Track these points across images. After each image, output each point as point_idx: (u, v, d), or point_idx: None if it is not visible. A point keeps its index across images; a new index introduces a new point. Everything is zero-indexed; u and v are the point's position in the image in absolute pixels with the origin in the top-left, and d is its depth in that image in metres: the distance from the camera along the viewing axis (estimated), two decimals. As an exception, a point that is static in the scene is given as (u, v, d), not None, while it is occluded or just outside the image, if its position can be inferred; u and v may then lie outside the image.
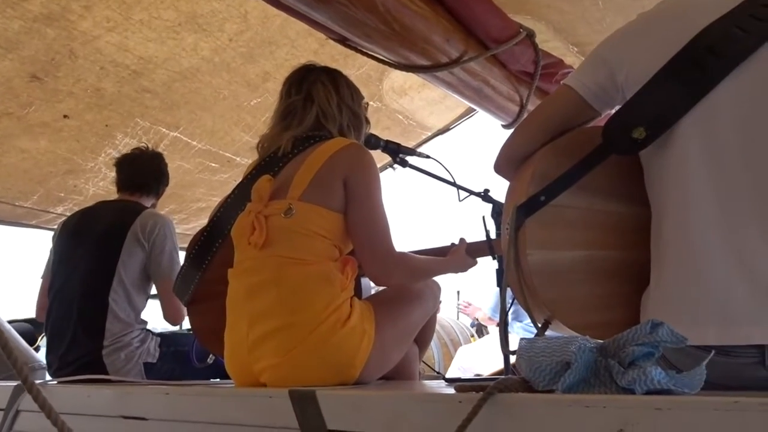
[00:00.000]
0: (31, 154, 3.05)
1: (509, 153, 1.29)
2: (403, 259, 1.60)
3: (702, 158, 1.03)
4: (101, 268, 2.27)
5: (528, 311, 1.18)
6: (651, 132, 1.07)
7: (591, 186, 1.17)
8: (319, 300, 1.43)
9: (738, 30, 1.02)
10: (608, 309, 1.18)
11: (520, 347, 0.89)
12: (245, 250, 1.53)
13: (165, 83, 2.72)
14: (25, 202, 3.44)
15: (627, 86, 1.12)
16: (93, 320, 2.21)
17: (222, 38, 2.51)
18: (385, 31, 1.95)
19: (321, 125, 1.66)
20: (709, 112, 1.03)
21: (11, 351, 0.68)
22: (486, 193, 2.06)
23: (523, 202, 1.14)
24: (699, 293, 1.01)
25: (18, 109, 2.69)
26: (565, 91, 1.21)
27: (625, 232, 1.19)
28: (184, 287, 1.78)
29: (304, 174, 1.52)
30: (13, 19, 2.16)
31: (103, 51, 2.44)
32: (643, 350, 0.83)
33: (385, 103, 3.22)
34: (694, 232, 1.02)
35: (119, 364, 2.21)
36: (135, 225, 2.30)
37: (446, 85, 2.38)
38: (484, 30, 2.25)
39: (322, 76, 1.71)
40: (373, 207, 1.54)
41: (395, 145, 2.02)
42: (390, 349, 1.57)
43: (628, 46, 1.14)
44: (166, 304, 2.33)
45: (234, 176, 3.46)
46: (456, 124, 3.69)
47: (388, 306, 1.61)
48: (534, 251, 1.13)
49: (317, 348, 1.40)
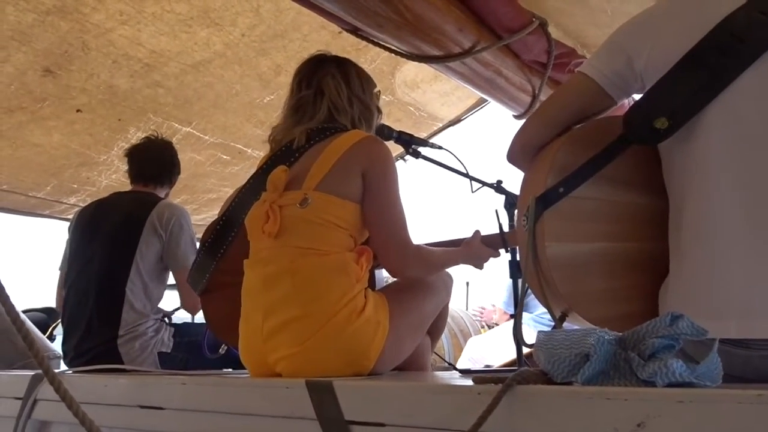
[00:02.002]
0: (45, 148, 3.06)
1: (523, 143, 1.28)
2: (420, 251, 1.60)
3: (726, 148, 1.01)
4: (118, 258, 2.28)
5: (545, 304, 1.18)
6: (674, 122, 1.05)
7: (609, 177, 1.16)
8: (335, 290, 1.43)
9: (763, 16, 1.00)
10: (626, 301, 1.18)
11: (538, 339, 0.89)
12: (260, 240, 1.54)
13: (177, 77, 2.72)
14: (38, 192, 3.47)
15: (646, 74, 1.10)
16: (109, 310, 2.24)
17: (234, 33, 2.50)
18: (398, 20, 1.94)
19: (333, 118, 1.66)
20: (733, 100, 1.02)
21: (32, 342, 0.69)
22: (499, 185, 2.05)
23: (541, 194, 1.13)
24: (720, 285, 1.00)
25: (31, 103, 2.70)
26: (581, 79, 1.19)
27: (643, 224, 1.18)
28: (198, 277, 1.79)
29: (322, 165, 1.52)
30: (26, 11, 2.17)
31: (116, 44, 2.44)
32: (663, 342, 0.82)
33: (397, 96, 3.21)
34: (716, 223, 1.01)
35: (134, 353, 2.23)
36: (152, 216, 2.32)
37: (458, 75, 2.37)
38: (496, 19, 2.23)
39: (333, 68, 1.71)
40: (391, 200, 1.54)
41: (408, 136, 2.02)
42: (404, 340, 1.58)
43: (648, 33, 1.12)
44: (185, 293, 2.35)
45: (245, 168, 3.47)
46: (467, 115, 3.67)
47: (402, 297, 1.62)
48: (552, 244, 1.12)
49: (332, 338, 1.41)
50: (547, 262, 1.13)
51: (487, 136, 6.40)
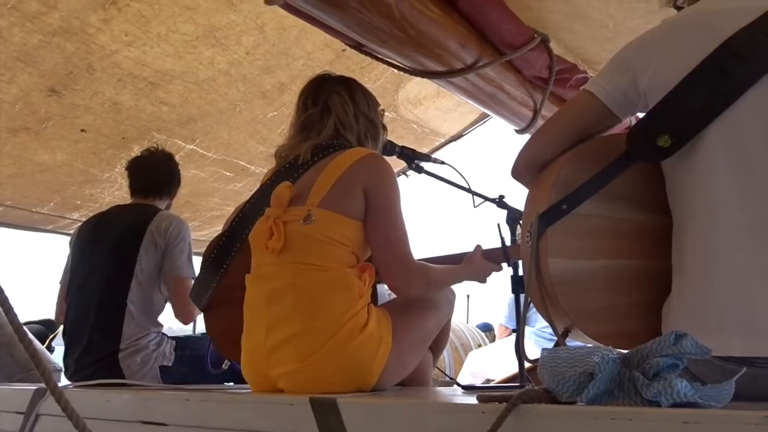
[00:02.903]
0: (49, 167, 3.08)
1: (528, 159, 1.28)
2: (422, 269, 1.60)
3: (728, 167, 1.02)
4: (119, 270, 2.28)
5: (548, 320, 1.18)
6: (676, 140, 1.06)
7: (612, 194, 1.16)
8: (337, 306, 1.43)
9: (765, 37, 1.01)
10: (629, 318, 1.17)
11: (542, 357, 0.89)
12: (263, 256, 1.54)
13: (182, 95, 2.74)
14: (41, 208, 3.48)
15: (650, 93, 1.11)
16: (110, 323, 2.23)
17: (239, 51, 2.52)
18: (401, 36, 1.95)
19: (339, 134, 1.67)
20: (735, 119, 1.02)
21: (40, 360, 0.69)
22: (501, 199, 2.06)
23: (544, 210, 1.13)
24: (723, 303, 1.00)
25: (36, 124, 2.71)
26: (586, 97, 1.20)
27: (646, 241, 1.19)
28: (201, 293, 1.79)
29: (324, 182, 1.53)
30: (33, 33, 2.19)
31: (121, 65, 2.46)
32: (667, 362, 0.82)
33: (400, 113, 3.22)
34: (718, 241, 1.01)
35: (135, 367, 2.22)
36: (151, 226, 2.32)
37: (461, 90, 2.38)
38: (498, 35, 2.25)
39: (338, 86, 1.73)
40: (392, 217, 1.55)
41: (410, 151, 2.03)
42: (406, 355, 1.57)
43: (652, 52, 1.13)
44: (178, 301, 2.33)
45: (248, 185, 3.48)
46: (469, 130, 3.68)
47: (405, 313, 1.62)
48: (556, 260, 1.12)
49: (335, 354, 1.41)
50: (550, 278, 1.13)
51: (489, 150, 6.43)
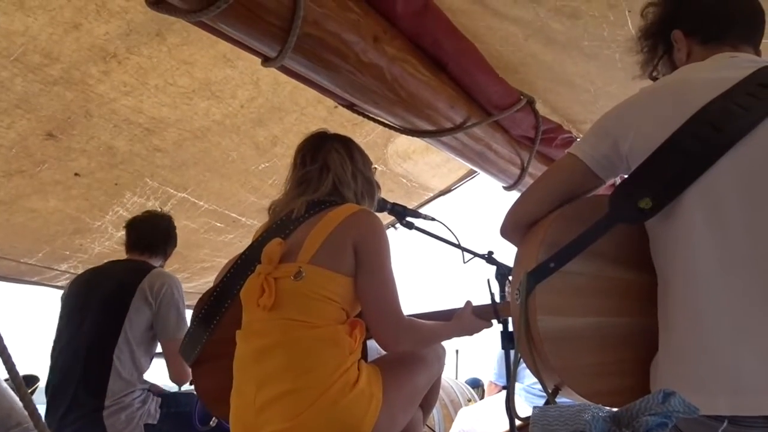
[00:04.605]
0: (40, 213, 3.08)
1: (516, 218, 1.32)
2: (412, 325, 1.60)
3: (707, 230, 1.06)
4: (108, 325, 2.27)
5: (538, 377, 1.19)
6: (657, 202, 1.10)
7: (600, 253, 1.19)
8: (328, 363, 1.43)
9: (737, 107, 1.07)
10: (618, 376, 1.19)
11: (533, 415, 0.90)
12: (254, 312, 1.54)
13: (176, 142, 2.79)
14: (29, 259, 3.45)
15: (631, 157, 1.16)
16: (96, 378, 2.20)
17: (234, 104, 2.59)
18: (392, 97, 2.02)
19: (337, 191, 1.70)
20: (712, 184, 1.07)
21: (39, 420, 0.69)
22: (490, 255, 2.09)
23: (532, 269, 1.16)
24: (707, 363, 1.02)
25: (31, 167, 2.74)
26: (571, 160, 1.25)
27: (634, 299, 1.21)
28: (190, 348, 1.77)
29: (315, 238, 1.55)
30: (34, 82, 2.24)
31: (118, 112, 2.51)
32: (656, 420, 0.83)
33: (390, 167, 3.29)
34: (699, 303, 1.04)
35: (120, 426, 2.18)
36: (143, 283, 2.32)
37: (450, 149, 2.45)
38: (486, 97, 2.33)
39: (336, 144, 1.77)
40: (383, 274, 1.56)
41: (401, 208, 2.07)
42: (397, 413, 1.56)
43: (632, 119, 1.18)
44: (172, 363, 2.32)
45: (239, 236, 3.49)
46: (458, 185, 3.75)
47: (395, 369, 1.61)
48: (544, 317, 1.14)
49: (326, 412, 1.39)
50: (539, 336, 1.14)
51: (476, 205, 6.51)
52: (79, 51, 2.14)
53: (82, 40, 2.09)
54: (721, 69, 1.17)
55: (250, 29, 1.47)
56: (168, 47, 2.21)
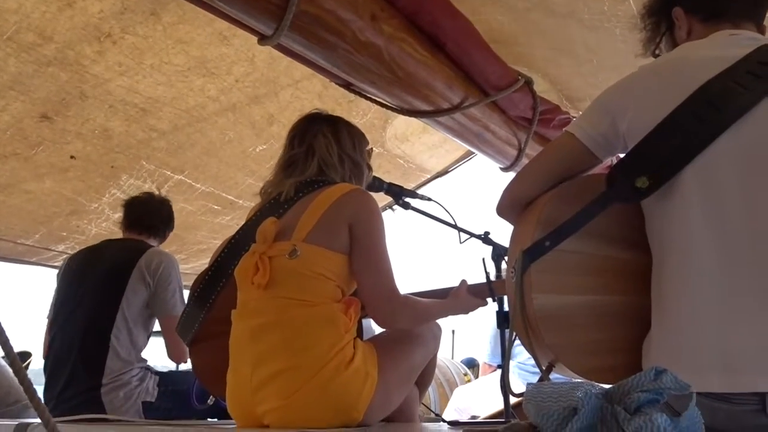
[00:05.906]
0: (36, 195, 3.08)
1: (513, 197, 1.32)
2: (408, 302, 1.61)
3: (703, 208, 1.06)
4: (105, 304, 2.28)
5: (533, 354, 1.20)
6: (654, 181, 1.10)
7: (595, 231, 1.19)
8: (323, 341, 1.44)
9: (737, 86, 1.06)
10: (611, 353, 1.20)
11: (527, 392, 0.90)
12: (249, 291, 1.55)
13: (172, 121, 2.77)
14: (27, 240, 3.45)
15: (629, 135, 1.16)
16: (94, 357, 2.21)
17: (229, 80, 2.58)
18: (389, 77, 2.00)
19: (323, 172, 1.70)
20: (710, 162, 1.06)
21: (33, 394, 0.69)
22: (486, 236, 2.09)
23: (528, 247, 1.16)
24: (699, 341, 1.02)
25: (26, 149, 2.73)
26: (568, 139, 1.25)
27: (628, 278, 1.22)
28: (187, 327, 1.78)
29: (309, 217, 1.55)
30: (28, 63, 2.22)
31: (114, 92, 2.50)
32: (648, 397, 0.84)
33: (387, 148, 3.28)
34: (693, 283, 1.05)
35: (118, 402, 2.19)
36: (140, 262, 2.32)
37: (447, 129, 2.44)
38: (484, 77, 2.32)
39: (324, 127, 1.76)
40: (378, 252, 1.56)
41: (398, 188, 2.06)
42: (393, 391, 1.58)
43: (631, 97, 1.18)
44: (171, 342, 2.33)
45: (236, 218, 3.49)
46: (455, 166, 3.75)
47: (391, 348, 1.62)
48: (539, 295, 1.15)
49: (321, 390, 1.41)
50: (534, 314, 1.15)
51: (473, 186, 6.52)
52: (73, 30, 2.12)
53: (76, 18, 2.07)
54: (721, 47, 1.16)
55: (246, 5, 1.45)
56: (163, 26, 2.19)
